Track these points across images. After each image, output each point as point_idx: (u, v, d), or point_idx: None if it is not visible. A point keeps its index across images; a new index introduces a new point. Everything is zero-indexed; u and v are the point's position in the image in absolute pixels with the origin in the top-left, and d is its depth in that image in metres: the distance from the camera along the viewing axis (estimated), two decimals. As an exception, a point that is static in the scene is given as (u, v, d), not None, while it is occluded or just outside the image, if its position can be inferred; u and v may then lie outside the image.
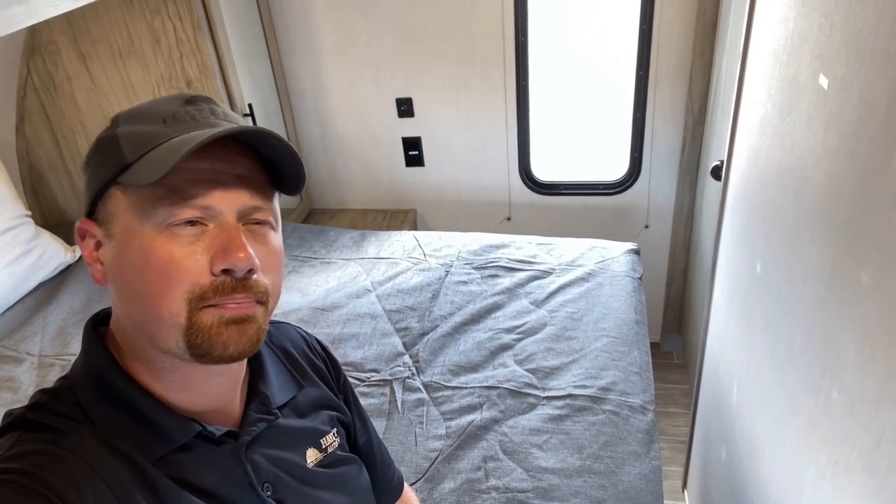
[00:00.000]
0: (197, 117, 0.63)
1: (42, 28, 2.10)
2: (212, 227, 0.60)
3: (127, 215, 0.60)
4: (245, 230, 0.62)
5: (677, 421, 2.49)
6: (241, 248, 0.60)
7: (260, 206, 0.64)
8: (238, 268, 0.60)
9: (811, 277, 0.90)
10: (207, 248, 0.60)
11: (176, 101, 0.64)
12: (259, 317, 0.63)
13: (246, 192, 0.62)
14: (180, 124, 0.62)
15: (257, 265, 0.61)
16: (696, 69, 2.30)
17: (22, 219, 2.00)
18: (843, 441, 0.78)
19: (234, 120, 0.66)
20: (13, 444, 0.58)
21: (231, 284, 0.60)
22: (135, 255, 0.60)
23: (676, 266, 2.73)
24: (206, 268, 0.59)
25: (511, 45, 2.39)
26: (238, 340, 0.61)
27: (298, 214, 2.74)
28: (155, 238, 0.59)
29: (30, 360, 1.71)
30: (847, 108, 0.77)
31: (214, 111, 0.65)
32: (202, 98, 0.65)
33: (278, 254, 0.66)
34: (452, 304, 1.83)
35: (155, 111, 0.63)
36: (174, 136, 0.60)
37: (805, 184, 0.93)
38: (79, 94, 2.22)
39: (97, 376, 0.64)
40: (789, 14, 1.04)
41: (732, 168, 1.48)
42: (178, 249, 0.59)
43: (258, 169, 0.64)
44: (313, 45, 2.52)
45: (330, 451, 0.80)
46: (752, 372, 1.23)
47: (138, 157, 0.60)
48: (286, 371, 0.81)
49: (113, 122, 0.64)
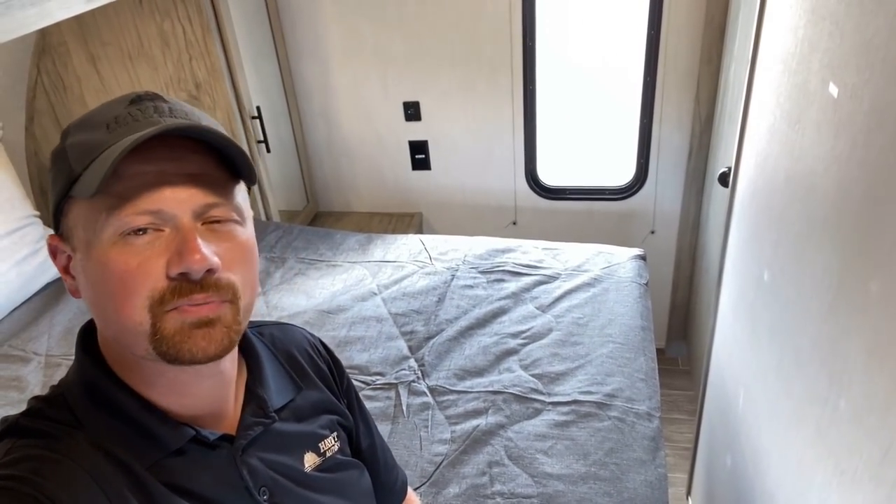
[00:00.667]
0: (139, 118, 0.60)
1: (52, 29, 2.12)
2: (167, 231, 0.59)
3: (82, 227, 0.59)
4: (205, 229, 0.61)
5: (682, 428, 2.49)
6: (194, 249, 0.58)
7: (216, 203, 0.61)
8: (193, 270, 0.58)
9: (819, 286, 0.90)
10: (163, 253, 0.58)
11: (121, 104, 0.62)
12: (226, 316, 0.61)
13: (198, 190, 0.60)
14: (122, 128, 0.60)
15: (216, 264, 0.59)
16: (704, 76, 2.30)
17: (30, 219, 2.01)
18: (851, 451, 0.77)
19: (180, 115, 0.63)
20: (8, 451, 0.58)
21: (189, 286, 0.58)
22: (94, 267, 0.59)
23: (682, 272, 2.72)
24: (163, 272, 0.58)
25: (519, 49, 2.39)
26: (206, 346, 0.59)
27: (304, 217, 2.75)
28: (110, 249, 0.58)
29: (37, 360, 1.72)
30: (857, 116, 0.77)
31: (159, 108, 0.62)
32: (147, 96, 0.63)
33: (246, 248, 0.64)
34: (458, 308, 1.83)
35: (100, 116, 0.61)
36: (114, 141, 0.58)
37: (814, 192, 0.93)
38: (88, 95, 2.24)
39: (89, 384, 0.64)
40: (799, 22, 1.03)
41: (740, 175, 1.48)
42: (133, 258, 0.58)
43: (214, 164, 0.62)
44: (321, 47, 2.53)
45: (329, 455, 0.79)
46: (758, 380, 1.23)
47: (83, 167, 0.58)
48: (285, 373, 0.80)
49: (64, 132, 0.63)
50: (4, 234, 1.89)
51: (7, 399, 1.58)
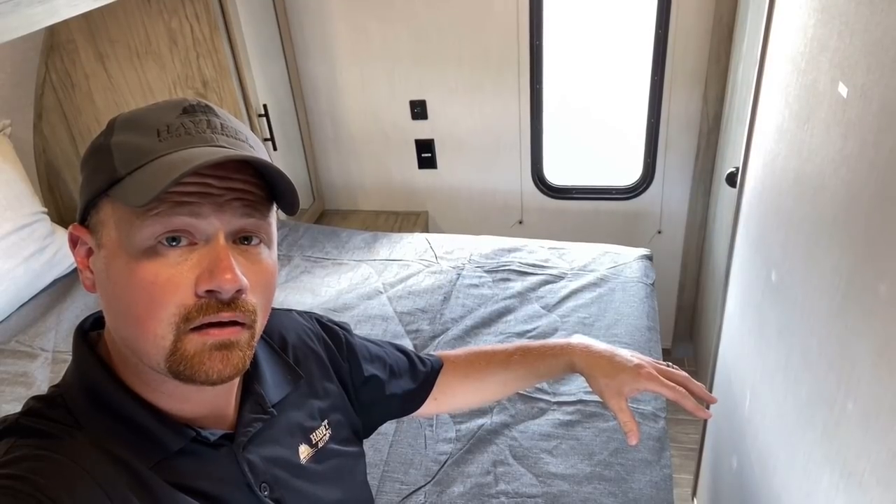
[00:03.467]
0: (192, 131, 0.60)
1: (61, 27, 2.13)
2: (200, 246, 0.59)
3: (115, 227, 0.59)
4: (236, 249, 0.60)
5: (687, 428, 2.48)
6: (227, 269, 0.57)
7: (253, 224, 0.61)
8: (224, 290, 0.58)
9: (828, 287, 0.89)
10: (193, 269, 0.58)
11: (173, 110, 0.61)
12: (243, 342, 0.61)
13: (238, 208, 0.60)
14: (174, 138, 0.59)
15: (245, 286, 0.59)
16: (712, 75, 2.29)
17: (38, 215, 2.02)
18: (859, 453, 0.77)
19: (231, 133, 0.62)
20: (7, 450, 0.58)
21: (217, 304, 0.58)
22: (121, 271, 0.58)
23: (689, 272, 2.71)
24: (192, 289, 0.58)
25: (526, 48, 2.39)
26: (222, 369, 0.59)
27: (311, 215, 2.75)
28: (141, 256, 0.57)
29: (44, 356, 1.73)
30: (867, 116, 0.77)
31: (211, 123, 0.61)
32: (201, 107, 0.62)
33: (270, 273, 0.64)
34: (464, 307, 1.82)
35: (151, 120, 0.60)
36: (165, 152, 0.58)
37: (823, 192, 0.93)
38: (96, 92, 2.24)
39: (88, 385, 0.64)
40: (808, 21, 1.03)
41: (748, 175, 1.47)
42: (164, 270, 0.57)
43: (254, 183, 0.62)
44: (328, 46, 2.53)
45: (321, 445, 0.79)
46: (765, 381, 1.22)
47: (128, 172, 0.58)
48: (282, 363, 0.80)
49: (109, 126, 0.62)
50: (12, 230, 1.90)
51: (14, 395, 1.59)
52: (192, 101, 0.62)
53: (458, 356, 1.02)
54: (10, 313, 1.89)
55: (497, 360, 0.99)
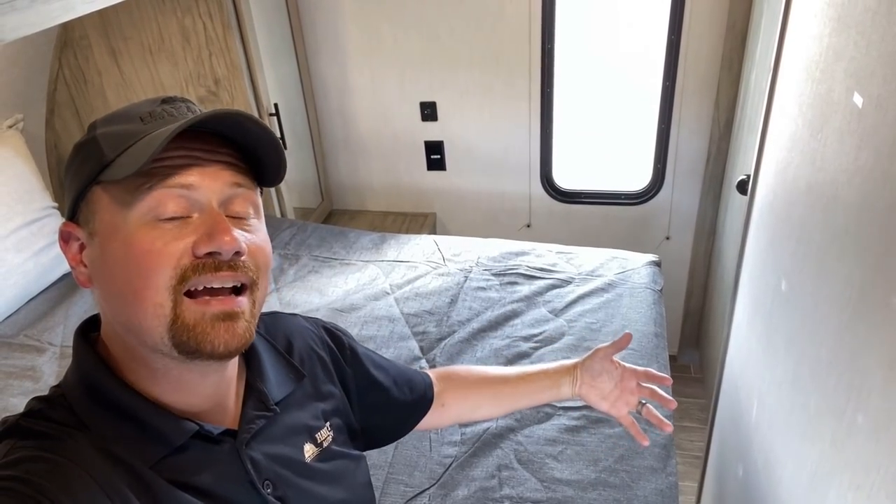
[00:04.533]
0: (175, 114, 0.63)
1: (75, 23, 2.14)
2: (195, 217, 0.60)
3: (109, 210, 0.60)
4: (232, 219, 0.62)
5: (693, 436, 2.47)
6: (226, 230, 0.59)
7: (242, 186, 0.63)
8: (224, 250, 0.59)
9: (838, 298, 0.88)
10: (189, 235, 0.59)
11: (153, 103, 0.64)
12: (246, 312, 0.62)
13: (227, 177, 0.62)
14: (158, 121, 0.62)
15: (244, 248, 0.60)
16: (724, 82, 2.28)
17: (49, 210, 2.03)
18: (867, 466, 0.76)
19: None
20: (8, 452, 0.58)
21: (215, 264, 0.59)
22: (118, 248, 0.59)
23: (697, 279, 2.70)
24: (189, 251, 0.59)
25: (537, 51, 2.39)
26: (229, 339, 0.60)
27: (319, 215, 2.76)
28: (138, 229, 0.59)
29: (52, 351, 1.74)
30: (882, 127, 0.76)
31: (191, 108, 0.65)
32: (179, 98, 0.65)
33: (265, 243, 0.65)
34: (470, 310, 1.82)
35: (132, 112, 0.63)
36: (152, 131, 0.60)
37: (835, 202, 0.92)
38: (108, 89, 2.26)
39: (89, 383, 0.64)
40: (823, 30, 1.02)
41: (759, 183, 1.46)
42: (159, 239, 0.58)
43: (239, 157, 0.64)
44: (340, 46, 2.54)
45: (325, 445, 0.80)
46: (773, 390, 1.22)
47: (118, 154, 0.60)
48: (284, 362, 0.80)
49: (90, 127, 0.64)
50: (23, 224, 1.92)
51: (22, 388, 1.60)
52: (170, 95, 0.66)
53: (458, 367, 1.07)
54: (20, 307, 1.91)
55: (494, 374, 1.05)
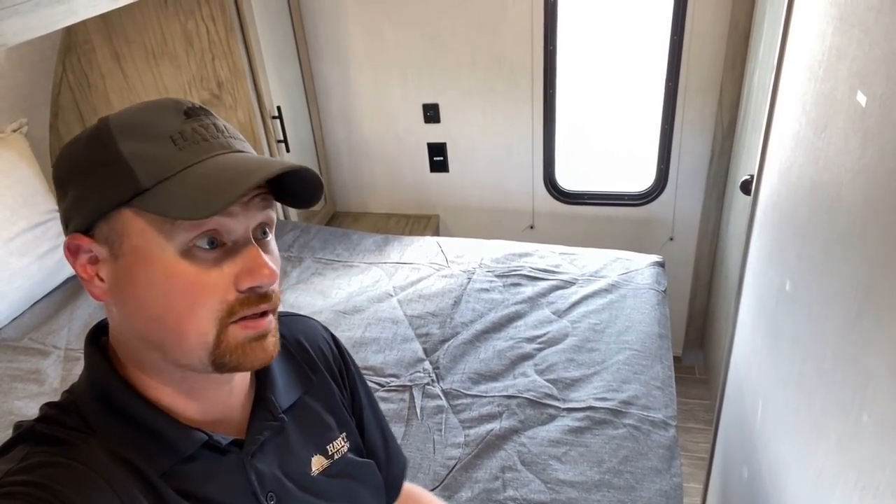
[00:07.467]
0: (207, 137, 0.61)
1: (78, 27, 2.14)
2: (229, 245, 0.61)
3: (143, 236, 0.59)
4: (258, 244, 0.64)
5: (697, 437, 2.46)
6: (264, 265, 0.62)
7: (268, 216, 0.65)
8: (265, 284, 0.62)
9: (843, 298, 0.88)
10: (231, 268, 0.61)
11: (173, 114, 0.61)
12: (273, 328, 0.66)
13: (258, 204, 0.63)
14: (192, 146, 0.60)
15: (277, 278, 0.64)
16: (727, 81, 2.28)
17: (52, 213, 2.03)
18: (873, 466, 0.76)
19: (233, 133, 0.65)
20: (24, 457, 0.59)
21: (255, 298, 0.63)
22: (157, 278, 0.59)
23: (701, 280, 2.70)
24: (232, 286, 0.61)
25: (540, 53, 2.39)
26: (264, 356, 0.64)
27: (322, 217, 2.76)
28: (178, 261, 0.59)
29: (56, 354, 1.74)
30: (885, 126, 0.76)
31: (217, 126, 0.63)
32: (201, 110, 0.63)
33: (278, 258, 0.68)
34: (474, 311, 1.82)
35: (156, 127, 0.60)
36: (191, 162, 0.59)
37: (839, 202, 0.92)
38: (112, 92, 2.26)
39: (100, 390, 0.64)
40: (826, 29, 1.02)
41: (763, 183, 1.46)
42: (203, 272, 0.60)
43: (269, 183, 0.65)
44: (342, 48, 2.54)
45: (337, 457, 0.79)
46: (778, 391, 1.21)
47: (155, 183, 0.58)
48: (295, 365, 0.80)
49: (105, 133, 0.60)
50: (27, 228, 1.92)
51: (27, 391, 1.60)
52: (188, 104, 0.63)
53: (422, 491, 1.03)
54: (24, 310, 1.91)
55: None
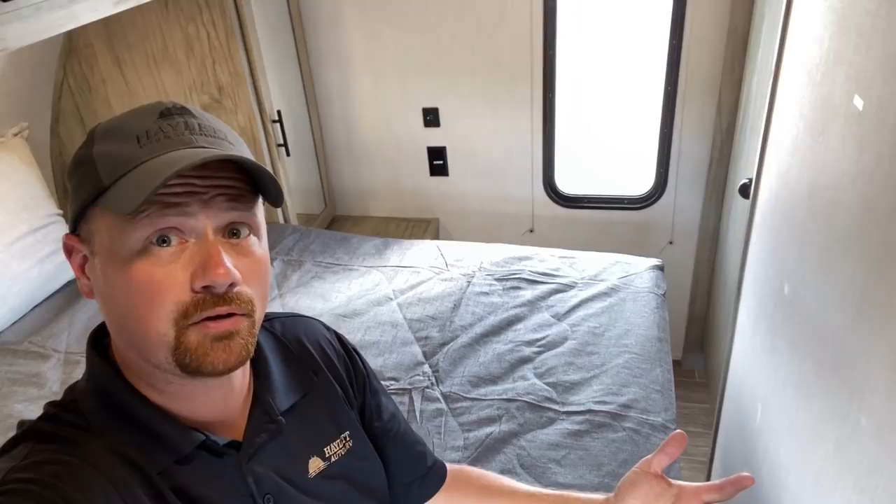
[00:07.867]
0: (170, 134, 0.61)
1: (79, 32, 2.15)
2: (191, 243, 0.60)
3: (107, 233, 0.60)
4: (226, 244, 0.62)
5: (697, 441, 2.46)
6: (219, 264, 0.59)
7: (238, 216, 0.63)
8: (217, 284, 0.59)
9: (842, 301, 0.88)
10: (187, 266, 0.60)
11: (150, 115, 0.62)
12: (244, 331, 0.62)
13: (224, 203, 0.61)
14: (153, 143, 0.60)
15: (238, 278, 0.61)
16: (726, 86, 2.29)
17: (53, 217, 2.04)
18: (871, 469, 0.76)
19: (210, 132, 0.63)
20: (27, 455, 0.59)
21: (213, 299, 0.60)
22: (117, 276, 0.60)
23: (700, 283, 2.70)
24: (187, 285, 0.59)
25: (539, 57, 2.39)
26: (226, 358, 0.61)
27: (322, 220, 2.77)
28: (134, 259, 0.59)
29: (56, 357, 1.74)
30: (883, 130, 0.76)
31: (189, 124, 0.62)
32: (177, 110, 0.63)
33: (262, 263, 0.65)
34: (473, 314, 1.82)
35: (129, 127, 0.61)
36: (147, 157, 0.59)
37: (837, 205, 0.92)
38: (113, 97, 2.27)
39: (100, 389, 0.65)
40: (824, 33, 1.02)
41: (761, 187, 1.46)
42: (158, 269, 0.59)
43: (238, 178, 0.63)
44: (342, 53, 2.55)
45: (334, 459, 0.78)
46: (777, 394, 1.21)
47: (113, 181, 0.59)
48: (295, 366, 0.80)
49: (90, 136, 0.63)
50: (28, 232, 1.92)
51: (27, 395, 1.60)
52: (169, 104, 0.63)
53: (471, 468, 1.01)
54: (24, 314, 1.91)
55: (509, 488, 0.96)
